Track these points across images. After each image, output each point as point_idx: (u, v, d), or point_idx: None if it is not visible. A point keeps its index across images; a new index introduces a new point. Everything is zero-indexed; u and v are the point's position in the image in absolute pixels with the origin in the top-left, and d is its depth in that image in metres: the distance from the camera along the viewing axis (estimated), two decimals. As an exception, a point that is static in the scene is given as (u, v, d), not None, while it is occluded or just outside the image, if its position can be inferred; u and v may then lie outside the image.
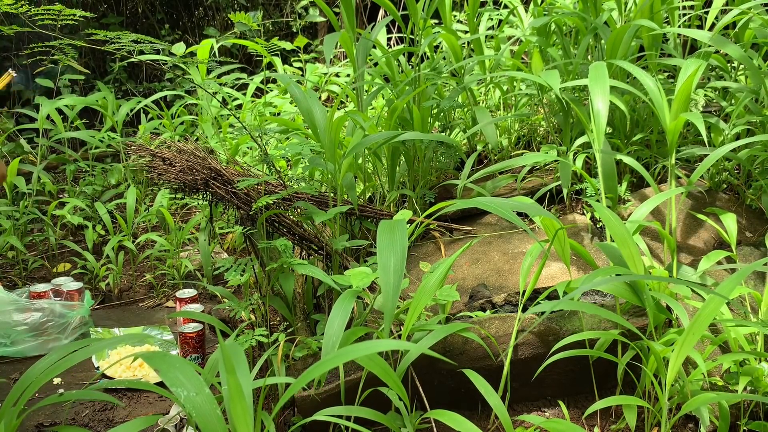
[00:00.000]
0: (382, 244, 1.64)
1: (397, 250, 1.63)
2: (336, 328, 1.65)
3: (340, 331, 1.64)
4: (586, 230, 2.47)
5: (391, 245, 1.64)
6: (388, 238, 1.65)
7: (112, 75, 4.75)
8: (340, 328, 1.64)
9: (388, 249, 1.64)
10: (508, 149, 2.97)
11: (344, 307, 1.69)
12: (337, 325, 1.65)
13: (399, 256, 1.62)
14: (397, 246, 1.64)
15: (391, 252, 1.63)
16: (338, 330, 1.64)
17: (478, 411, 1.94)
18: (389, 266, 1.61)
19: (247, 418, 1.23)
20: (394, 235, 1.66)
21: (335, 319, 1.66)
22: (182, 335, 2.37)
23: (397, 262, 1.61)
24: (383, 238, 1.65)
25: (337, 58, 4.85)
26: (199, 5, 5.43)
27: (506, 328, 1.89)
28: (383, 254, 1.63)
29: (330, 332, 1.64)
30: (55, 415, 2.13)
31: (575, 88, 2.75)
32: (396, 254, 1.62)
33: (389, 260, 1.62)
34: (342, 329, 1.64)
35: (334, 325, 1.65)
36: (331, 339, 1.63)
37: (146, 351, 2.37)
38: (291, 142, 2.74)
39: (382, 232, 1.67)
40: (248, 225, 2.21)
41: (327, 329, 1.65)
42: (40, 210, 3.32)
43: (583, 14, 2.68)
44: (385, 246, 1.64)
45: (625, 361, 1.82)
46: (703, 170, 2.09)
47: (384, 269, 1.61)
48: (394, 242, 1.64)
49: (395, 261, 1.61)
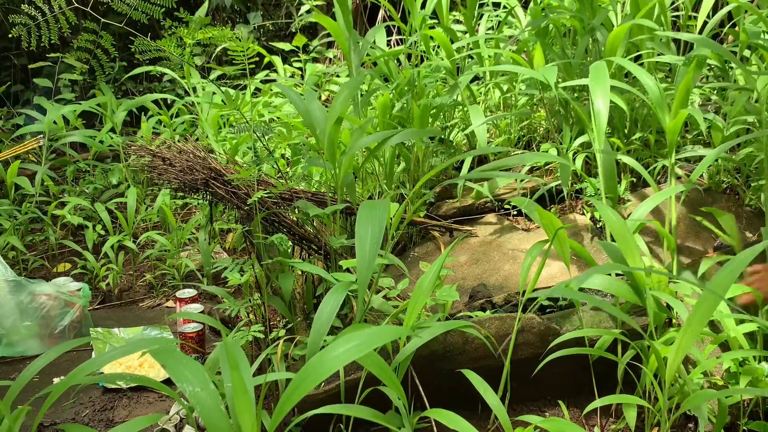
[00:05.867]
0: (362, 216, 1.63)
1: (375, 224, 1.60)
2: (325, 318, 1.64)
3: (329, 319, 1.63)
4: (586, 230, 2.47)
5: (370, 219, 1.62)
6: (368, 212, 1.64)
7: (113, 75, 4.75)
8: (329, 317, 1.64)
9: (366, 221, 1.61)
10: (508, 149, 2.97)
11: (335, 298, 1.69)
12: (326, 315, 1.64)
13: (377, 229, 1.59)
14: (376, 221, 1.61)
15: (369, 224, 1.60)
16: (327, 318, 1.64)
17: (478, 411, 1.94)
18: (366, 236, 1.58)
19: (250, 414, 1.24)
20: (375, 211, 1.64)
21: (325, 308, 1.66)
22: (182, 335, 2.38)
23: (375, 234, 1.58)
24: (363, 213, 1.64)
25: (337, 58, 4.85)
26: (199, 5, 5.43)
27: (506, 328, 1.89)
28: (361, 226, 1.60)
29: (318, 322, 1.64)
30: (55, 415, 2.14)
31: (575, 88, 2.75)
32: (374, 226, 1.60)
33: (367, 231, 1.59)
34: (331, 318, 1.64)
35: (324, 315, 1.65)
36: (319, 330, 1.62)
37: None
38: (292, 141, 2.74)
39: (363, 208, 1.65)
40: (248, 224, 2.21)
41: (316, 319, 1.64)
42: (41, 210, 3.33)
43: (581, 14, 2.68)
44: (364, 218, 1.62)
45: (626, 360, 1.82)
46: (702, 169, 2.09)
47: (361, 239, 1.58)
48: (374, 217, 1.62)
49: (372, 232, 1.59)
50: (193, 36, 2.46)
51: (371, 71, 2.94)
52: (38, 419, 1.37)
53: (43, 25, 2.83)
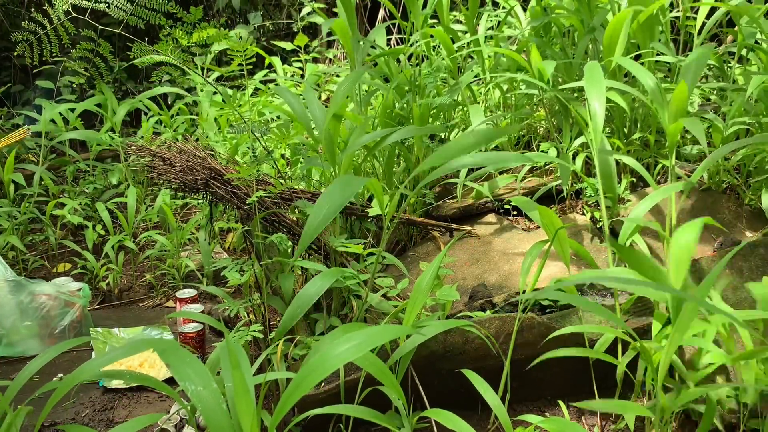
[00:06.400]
0: (330, 189, 1.57)
1: (346, 191, 1.54)
2: (305, 298, 1.66)
3: (309, 301, 1.65)
4: (586, 230, 2.47)
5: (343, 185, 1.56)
6: (342, 182, 1.58)
7: (113, 75, 4.75)
8: (309, 300, 1.66)
9: (332, 191, 1.55)
10: (508, 149, 2.97)
11: (321, 283, 1.69)
12: (307, 296, 1.67)
13: (337, 202, 1.52)
14: (339, 194, 1.54)
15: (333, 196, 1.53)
16: (307, 299, 1.66)
17: (478, 411, 1.94)
18: (323, 206, 1.51)
19: (251, 413, 1.24)
20: (347, 186, 1.57)
21: (309, 289, 1.67)
22: (182, 335, 2.38)
23: (332, 206, 1.51)
24: (333, 187, 1.58)
25: (337, 58, 4.85)
26: (199, 5, 5.43)
27: (506, 328, 1.89)
28: (325, 196, 1.53)
29: (298, 302, 1.65)
30: (55, 415, 2.13)
31: (574, 88, 2.75)
32: (334, 199, 1.52)
33: (326, 201, 1.52)
34: (311, 300, 1.65)
35: (304, 296, 1.67)
36: (295, 310, 1.65)
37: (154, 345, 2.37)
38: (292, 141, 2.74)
39: (337, 180, 1.60)
40: (248, 224, 2.21)
41: (296, 298, 1.66)
42: (41, 210, 3.33)
43: (579, 15, 2.68)
44: (331, 189, 1.56)
45: (625, 361, 1.81)
46: (703, 170, 2.09)
47: (318, 205, 1.51)
48: (344, 191, 1.55)
49: (332, 203, 1.51)
50: (189, 38, 2.46)
51: (371, 70, 2.94)
52: (41, 419, 1.37)
53: (44, 38, 2.86)
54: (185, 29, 2.42)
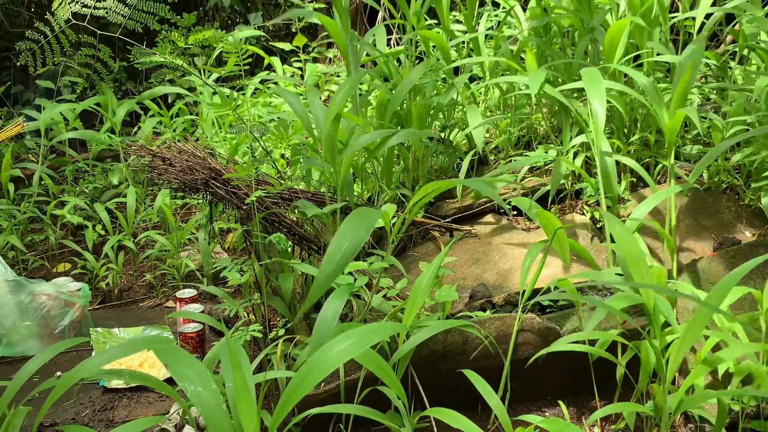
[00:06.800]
0: (350, 219, 1.52)
1: (361, 230, 1.48)
2: (326, 325, 1.64)
3: (331, 326, 1.63)
4: (586, 230, 2.47)
5: (358, 222, 1.50)
6: (358, 218, 1.53)
7: (112, 75, 4.75)
8: (331, 324, 1.63)
9: (352, 224, 1.50)
10: (508, 149, 2.97)
11: (336, 304, 1.68)
12: (327, 322, 1.64)
13: (356, 240, 1.47)
14: (362, 227, 1.49)
15: (349, 234, 1.47)
16: (329, 325, 1.63)
17: (478, 411, 1.94)
18: (341, 245, 1.45)
19: (252, 414, 1.24)
20: (361, 222, 1.51)
21: (327, 314, 1.65)
22: (182, 335, 2.38)
23: (351, 246, 1.45)
24: (349, 221, 1.53)
25: (337, 58, 4.85)
26: (199, 6, 5.44)
27: (506, 328, 1.89)
28: (341, 234, 1.47)
29: (320, 329, 1.63)
30: (55, 415, 2.13)
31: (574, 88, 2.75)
32: (354, 236, 1.47)
33: (344, 240, 1.46)
34: (332, 324, 1.64)
35: (324, 322, 1.65)
36: (323, 329, 1.62)
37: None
38: (291, 141, 2.74)
39: (353, 215, 1.55)
40: (248, 224, 2.21)
41: (317, 326, 1.64)
42: (41, 210, 3.33)
43: (579, 15, 2.68)
44: (351, 220, 1.52)
45: (625, 362, 1.82)
46: (701, 168, 2.09)
47: (336, 245, 1.45)
48: (358, 228, 1.49)
49: (351, 242, 1.46)
50: (185, 40, 2.47)
51: (371, 71, 2.94)
52: (39, 418, 1.37)
53: (46, 47, 2.89)
54: (181, 32, 2.43)
